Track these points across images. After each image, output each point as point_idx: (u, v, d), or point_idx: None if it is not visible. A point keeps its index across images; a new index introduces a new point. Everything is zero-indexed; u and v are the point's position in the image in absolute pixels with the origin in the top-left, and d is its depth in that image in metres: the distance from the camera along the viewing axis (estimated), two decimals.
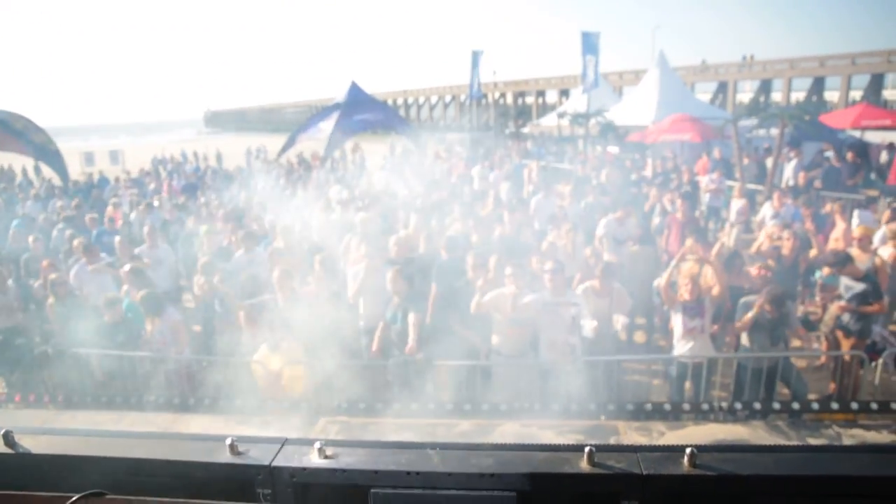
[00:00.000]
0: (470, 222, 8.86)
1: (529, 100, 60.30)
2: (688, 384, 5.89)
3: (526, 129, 32.06)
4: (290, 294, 6.18)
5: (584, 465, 1.53)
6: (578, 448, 1.58)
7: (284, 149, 25.26)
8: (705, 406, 4.28)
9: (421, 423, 4.12)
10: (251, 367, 6.10)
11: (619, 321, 5.83)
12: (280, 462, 1.57)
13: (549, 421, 4.74)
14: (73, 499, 1.43)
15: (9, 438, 1.69)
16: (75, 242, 8.88)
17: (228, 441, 1.60)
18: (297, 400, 4.96)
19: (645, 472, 1.48)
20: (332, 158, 24.59)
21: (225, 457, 1.59)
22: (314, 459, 1.58)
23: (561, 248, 7.95)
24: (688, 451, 1.46)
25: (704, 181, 13.89)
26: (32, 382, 6.51)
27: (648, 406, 4.34)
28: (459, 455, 1.58)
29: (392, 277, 6.09)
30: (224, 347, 7.38)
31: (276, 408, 4.47)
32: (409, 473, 1.53)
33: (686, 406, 4.32)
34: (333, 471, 1.55)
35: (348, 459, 1.58)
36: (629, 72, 47.68)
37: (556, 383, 5.84)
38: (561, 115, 24.86)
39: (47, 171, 22.85)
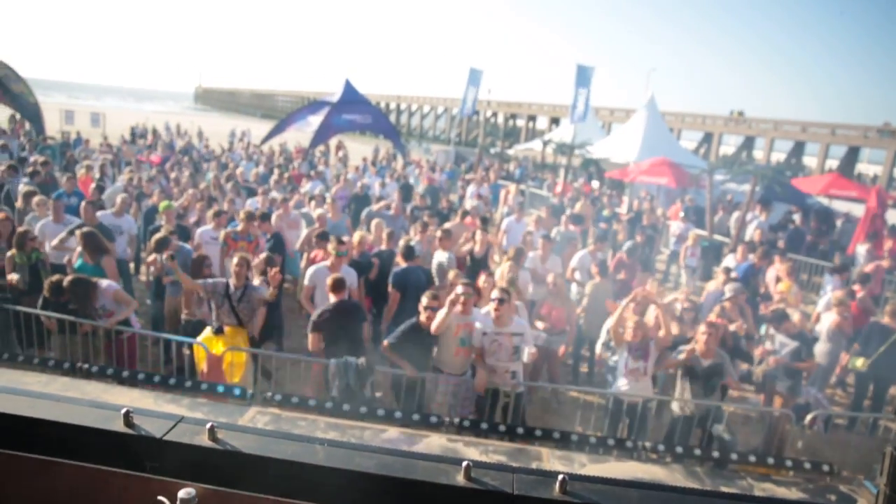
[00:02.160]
0: (436, 233, 8.92)
1: (520, 122, 60.85)
2: (622, 422, 6.00)
3: (512, 151, 32.27)
4: (243, 281, 6.17)
5: (460, 479, 1.57)
6: (458, 461, 1.63)
7: (270, 136, 25.10)
8: (629, 444, 4.37)
9: (349, 424, 4.15)
10: (193, 348, 6.08)
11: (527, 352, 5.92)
12: (171, 437, 1.59)
13: (476, 439, 4.80)
14: None
15: None
16: (35, 199, 8.75)
17: (123, 410, 1.61)
18: (231, 386, 4.95)
19: (516, 492, 1.54)
20: (315, 153, 24.50)
21: (118, 426, 1.61)
22: (204, 440, 1.60)
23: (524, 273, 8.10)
24: (560, 477, 1.52)
25: (673, 226, 14.18)
26: None
27: (574, 437, 4.42)
28: (345, 453, 1.63)
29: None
30: (170, 326, 7.37)
31: (209, 391, 4.46)
32: (292, 464, 1.57)
33: (611, 441, 4.41)
34: (220, 452, 1.58)
35: (237, 444, 1.61)
36: (620, 110, 48.47)
37: (492, 404, 5.94)
38: (546, 143, 25.10)
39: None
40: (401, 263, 7.75)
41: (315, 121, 24.19)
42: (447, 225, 9.65)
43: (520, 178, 22.80)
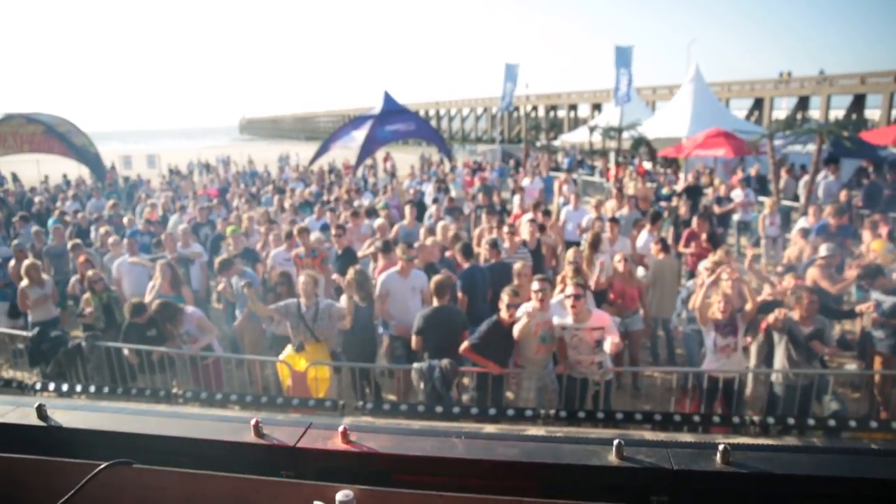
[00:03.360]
0: (495, 232, 8.84)
1: (561, 113, 60.13)
2: (717, 399, 5.77)
3: (557, 142, 31.89)
4: (312, 299, 6.21)
5: (612, 459, 1.49)
6: (607, 441, 1.54)
7: (317, 156, 25.53)
8: (736, 420, 4.17)
9: (446, 426, 4.10)
10: (277, 367, 6.15)
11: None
12: (304, 444, 1.57)
13: (574, 428, 4.69)
14: (101, 466, 1.46)
15: (42, 412, 1.72)
16: (111, 239, 9.09)
17: (253, 422, 1.60)
18: (321, 399, 4.97)
19: (676, 468, 1.44)
20: (364, 166, 24.80)
21: (249, 437, 1.60)
22: (338, 443, 1.57)
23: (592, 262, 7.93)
24: (721, 447, 1.41)
25: (733, 195, 13.67)
26: (66, 374, 6.65)
27: (677, 417, 4.25)
28: (485, 444, 1.56)
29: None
30: (250, 347, 7.50)
31: (300, 406, 4.48)
32: (433, 460, 1.51)
33: (716, 418, 4.22)
34: (356, 455, 1.54)
35: (371, 444, 1.57)
36: (662, 87, 47.29)
37: (581, 394, 5.81)
38: (592, 129, 24.69)
39: (84, 173, 23.48)
40: (462, 264, 7.69)
41: (359, 136, 24.41)
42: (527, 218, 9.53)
43: (570, 168, 22.49)
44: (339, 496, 1.35)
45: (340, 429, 1.56)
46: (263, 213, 11.63)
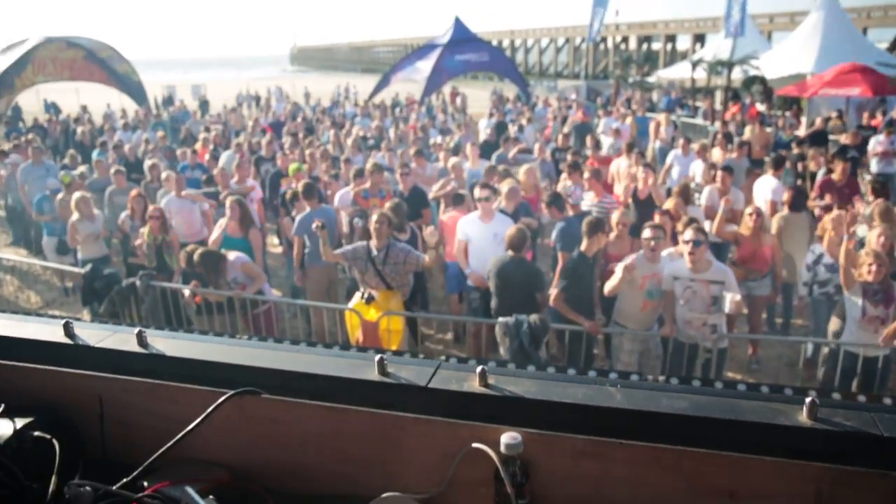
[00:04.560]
0: (584, 178, 8.66)
1: (656, 46, 57.96)
2: (855, 378, 5.53)
3: (652, 79, 30.85)
4: (385, 240, 6.20)
5: (803, 419, 1.41)
6: (796, 400, 1.47)
7: (377, 90, 25.62)
8: (888, 401, 3.96)
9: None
10: (346, 316, 6.26)
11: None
12: (436, 384, 1.56)
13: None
14: (229, 394, 1.51)
15: (142, 339, 1.76)
16: (165, 175, 9.34)
17: (377, 358, 1.60)
18: (399, 352, 5.02)
19: (886, 434, 1.35)
20: (428, 101, 24.70)
21: (373, 374, 1.60)
22: (475, 385, 1.55)
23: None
24: None
25: (872, 143, 12.91)
26: (119, 315, 6.97)
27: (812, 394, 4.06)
28: (647, 395, 1.51)
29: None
30: (315, 295, 7.65)
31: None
32: (590, 409, 1.47)
33: (861, 398, 4.02)
34: (498, 399, 1.51)
35: (513, 388, 1.54)
36: (782, 14, 44.73)
37: (689, 360, 5.70)
38: (696, 63, 23.72)
39: (126, 104, 24.26)
40: (554, 216, 7.57)
41: (425, 66, 24.35)
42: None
43: (668, 108, 21.73)
44: (506, 438, 1.34)
45: (478, 369, 1.54)
46: (323, 150, 11.75)
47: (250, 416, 1.54)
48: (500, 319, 5.66)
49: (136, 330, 1.79)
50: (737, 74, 21.69)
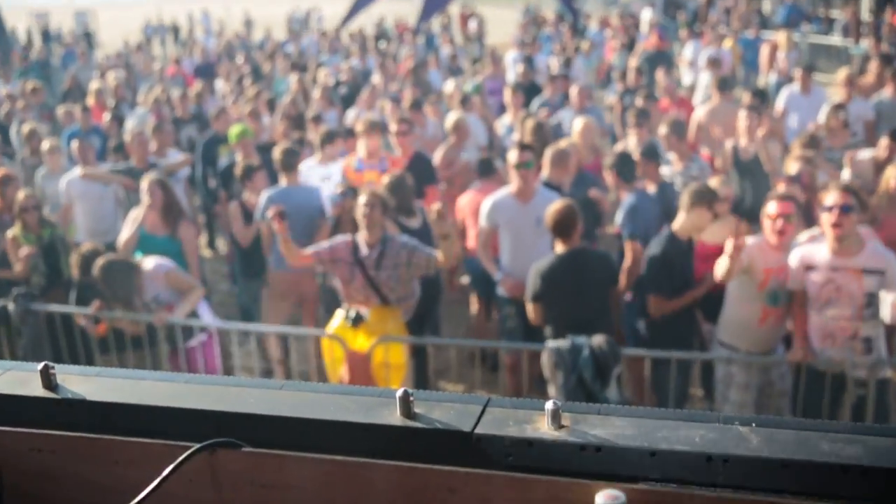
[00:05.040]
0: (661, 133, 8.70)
1: None
2: None
3: None
4: (379, 233, 6.25)
5: None
6: None
7: (352, 13, 25.55)
8: None
9: None
10: (322, 346, 6.33)
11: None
12: (486, 429, 1.59)
13: None
14: (195, 448, 1.54)
15: (50, 379, 1.78)
16: (46, 144, 9.43)
17: (399, 394, 1.64)
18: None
19: None
20: (429, 30, 24.73)
21: (394, 417, 1.64)
22: (543, 427, 1.59)
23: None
24: None
25: None
26: None
27: None
28: (795, 437, 1.54)
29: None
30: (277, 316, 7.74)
31: None
32: (709, 458, 1.51)
33: None
34: (581, 447, 1.55)
35: (600, 432, 1.58)
36: None
37: (833, 401, 5.72)
38: None
39: None
40: (622, 196, 7.62)
41: None
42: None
43: (788, 22, 21.70)
44: (603, 498, 1.37)
45: (548, 406, 1.57)
46: (283, 104, 11.83)
47: (226, 478, 1.57)
48: (550, 344, 5.70)
49: (40, 366, 1.80)
50: None
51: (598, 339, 5.63)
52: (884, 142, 8.06)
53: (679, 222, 6.15)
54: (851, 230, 5.52)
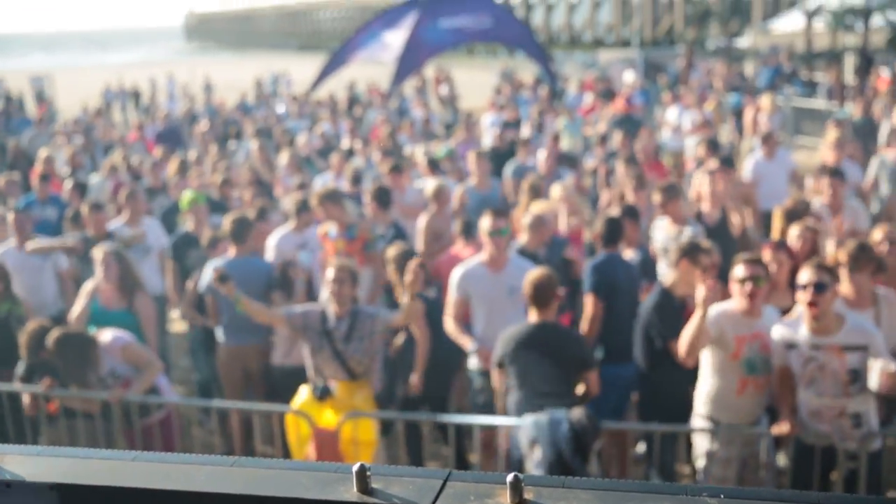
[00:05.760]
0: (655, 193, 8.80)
1: None
2: None
3: (745, 41, 31.42)
4: (348, 305, 6.30)
5: None
6: None
7: (323, 76, 25.82)
8: None
9: None
10: (287, 422, 6.30)
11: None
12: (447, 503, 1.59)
13: None
14: None
15: None
16: None
17: (355, 468, 1.64)
18: None
19: None
20: (402, 92, 25.00)
21: (349, 494, 1.64)
22: (504, 503, 1.59)
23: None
24: None
25: None
26: None
27: None
28: None
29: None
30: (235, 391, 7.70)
31: None
32: None
33: None
34: None
35: None
36: None
37: (824, 474, 5.73)
38: (813, 14, 24.20)
39: None
40: (597, 250, 7.70)
41: (395, 39, 24.69)
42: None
43: (770, 84, 22.13)
44: None
45: (509, 478, 1.57)
46: (246, 170, 11.88)
47: None
48: (528, 418, 5.70)
49: None
50: (878, 25, 22.05)
51: (578, 413, 5.63)
52: None
53: (669, 278, 6.24)
54: (827, 308, 5.58)
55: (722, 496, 1.59)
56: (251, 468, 1.81)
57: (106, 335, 6.67)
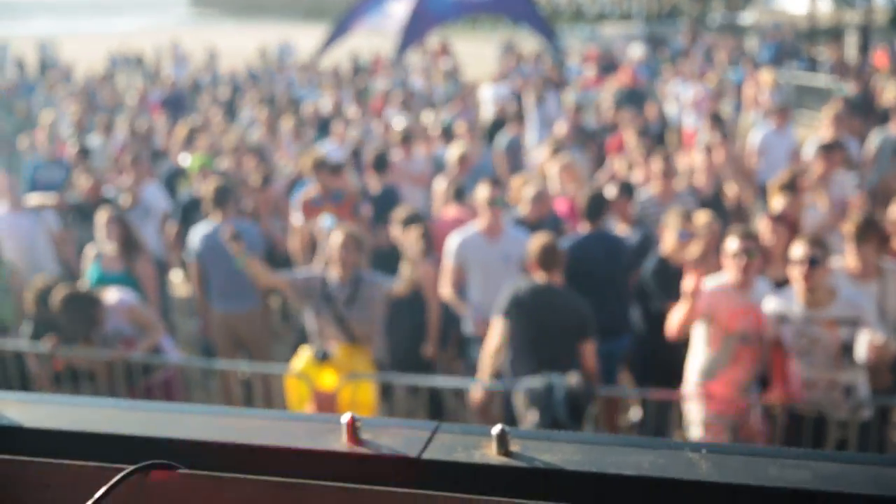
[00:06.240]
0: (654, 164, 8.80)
1: None
2: None
3: (747, 17, 31.26)
4: (350, 270, 6.35)
5: None
6: None
7: (327, 45, 25.70)
8: None
9: None
10: (287, 385, 6.35)
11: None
12: (433, 454, 1.61)
13: None
14: (129, 469, 1.54)
15: None
16: None
17: (345, 419, 1.66)
18: None
19: None
20: (405, 61, 24.88)
21: (340, 444, 1.66)
22: (491, 454, 1.61)
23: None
24: None
25: None
26: None
27: None
28: (745, 462, 1.57)
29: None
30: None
31: None
32: (658, 482, 1.54)
33: None
34: (527, 471, 1.58)
35: (547, 457, 1.61)
36: None
37: (815, 444, 5.78)
38: None
39: None
40: (579, 230, 7.71)
41: (398, 9, 24.57)
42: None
43: (773, 60, 22.03)
44: None
45: (495, 432, 1.60)
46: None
47: (162, 501, 1.58)
48: (525, 383, 5.75)
49: None
50: (881, 5, 21.95)
51: (573, 378, 5.69)
52: None
53: (664, 245, 6.28)
54: (821, 282, 5.61)
55: (704, 450, 1.63)
56: (243, 417, 1.85)
57: (111, 295, 6.72)
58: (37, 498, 1.65)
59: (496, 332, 6.29)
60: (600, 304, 6.91)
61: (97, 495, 1.51)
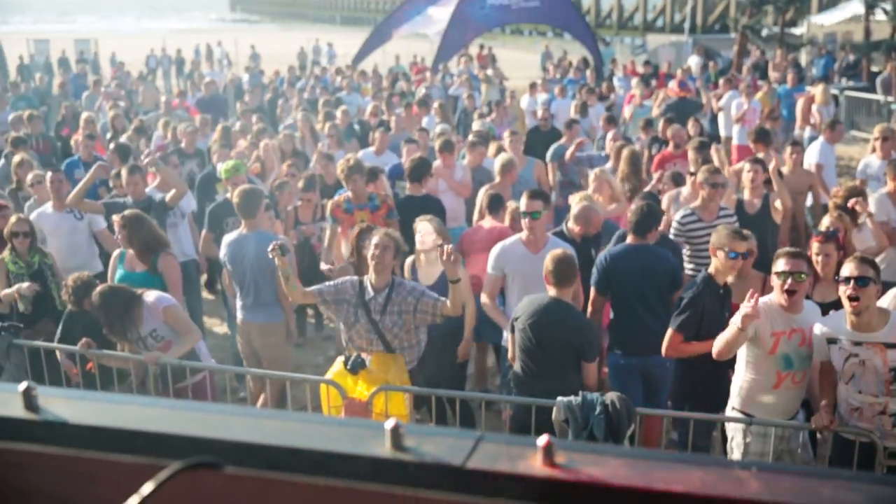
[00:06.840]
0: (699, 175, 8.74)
1: None
2: None
3: (800, 30, 31.03)
4: (387, 276, 6.38)
5: None
6: None
7: (365, 50, 25.85)
8: None
9: None
10: (320, 391, 6.35)
11: None
12: (477, 464, 1.61)
13: None
14: (177, 467, 1.56)
15: (32, 399, 1.82)
16: (30, 175, 9.59)
17: (389, 425, 1.67)
18: None
19: None
20: (446, 69, 24.91)
21: (383, 449, 1.67)
22: (536, 465, 1.61)
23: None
24: None
25: None
26: None
27: None
28: (800, 483, 1.56)
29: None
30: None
31: None
32: (707, 501, 1.53)
33: None
34: (574, 485, 1.57)
35: (593, 471, 1.60)
36: None
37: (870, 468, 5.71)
38: (873, 3, 23.90)
39: None
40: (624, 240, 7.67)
41: (440, 15, 24.62)
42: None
43: (825, 75, 21.89)
44: None
45: (541, 443, 1.60)
46: (286, 140, 11.95)
47: (207, 499, 1.61)
48: (562, 399, 5.72)
49: (23, 386, 1.85)
50: None
51: (612, 395, 5.65)
52: None
53: (713, 265, 6.32)
54: (870, 303, 5.50)
55: (754, 468, 1.61)
56: (287, 421, 1.87)
57: (150, 295, 6.76)
58: (85, 492, 1.69)
59: (509, 348, 6.48)
60: (628, 317, 6.99)
61: (146, 491, 1.53)
